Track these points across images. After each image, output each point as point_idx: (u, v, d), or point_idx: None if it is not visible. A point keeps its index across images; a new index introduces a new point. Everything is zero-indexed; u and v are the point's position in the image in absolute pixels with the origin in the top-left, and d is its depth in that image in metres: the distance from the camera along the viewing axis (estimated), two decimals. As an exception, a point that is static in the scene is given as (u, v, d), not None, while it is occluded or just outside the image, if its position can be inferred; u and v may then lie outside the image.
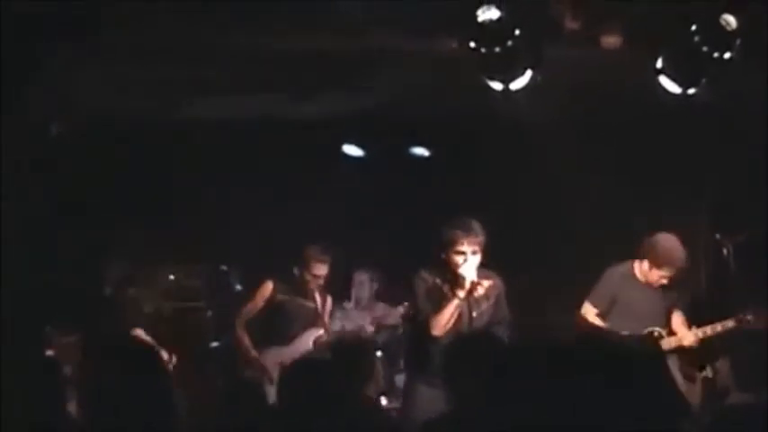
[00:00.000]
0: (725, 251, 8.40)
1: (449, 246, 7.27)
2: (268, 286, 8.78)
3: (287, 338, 8.74)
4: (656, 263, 8.00)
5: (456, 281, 7.27)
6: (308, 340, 8.80)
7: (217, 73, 8.19)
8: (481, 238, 7.27)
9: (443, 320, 7.26)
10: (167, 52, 7.58)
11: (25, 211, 7.08)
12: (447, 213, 7.61)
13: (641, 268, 8.11)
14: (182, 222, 9.78)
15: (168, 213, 9.80)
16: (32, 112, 7.07)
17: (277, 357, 8.53)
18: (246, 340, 8.73)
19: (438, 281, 7.38)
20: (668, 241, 8.03)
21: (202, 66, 7.97)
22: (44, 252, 8.62)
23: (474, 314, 7.33)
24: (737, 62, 7.00)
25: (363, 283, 9.77)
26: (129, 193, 9.68)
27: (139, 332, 8.19)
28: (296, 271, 8.74)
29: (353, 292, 9.70)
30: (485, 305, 7.40)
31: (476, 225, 7.29)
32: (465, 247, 7.23)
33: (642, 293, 8.10)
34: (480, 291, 7.28)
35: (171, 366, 7.88)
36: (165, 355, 7.67)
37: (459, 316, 7.31)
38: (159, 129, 9.52)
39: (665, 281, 8.05)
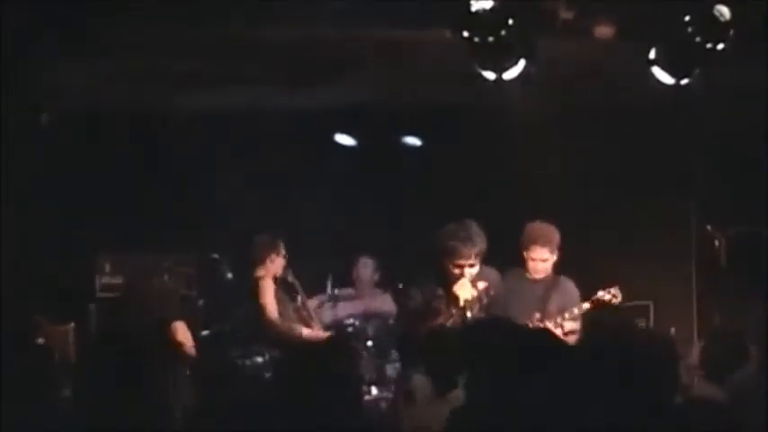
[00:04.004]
0: (716, 243, 8.40)
1: (445, 256, 7.04)
2: (269, 284, 8.67)
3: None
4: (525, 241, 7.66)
5: (449, 296, 7.09)
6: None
7: (209, 64, 8.18)
8: (481, 247, 7.00)
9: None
10: (160, 44, 7.57)
11: (17, 202, 7.06)
12: (439, 204, 7.60)
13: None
14: (174, 211, 9.77)
15: (160, 202, 9.79)
16: (23, 104, 7.05)
17: None
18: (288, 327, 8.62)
19: (428, 297, 7.13)
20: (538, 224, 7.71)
21: (195, 57, 7.96)
22: (36, 242, 8.62)
23: (468, 315, 7.10)
24: (730, 53, 7.01)
25: (368, 270, 9.70)
26: (122, 183, 9.68)
27: (179, 324, 7.92)
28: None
29: (356, 280, 9.62)
30: (476, 307, 7.16)
31: (476, 233, 7.00)
32: (463, 261, 6.99)
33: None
34: (474, 293, 7.09)
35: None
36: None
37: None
38: (153, 119, 9.52)
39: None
